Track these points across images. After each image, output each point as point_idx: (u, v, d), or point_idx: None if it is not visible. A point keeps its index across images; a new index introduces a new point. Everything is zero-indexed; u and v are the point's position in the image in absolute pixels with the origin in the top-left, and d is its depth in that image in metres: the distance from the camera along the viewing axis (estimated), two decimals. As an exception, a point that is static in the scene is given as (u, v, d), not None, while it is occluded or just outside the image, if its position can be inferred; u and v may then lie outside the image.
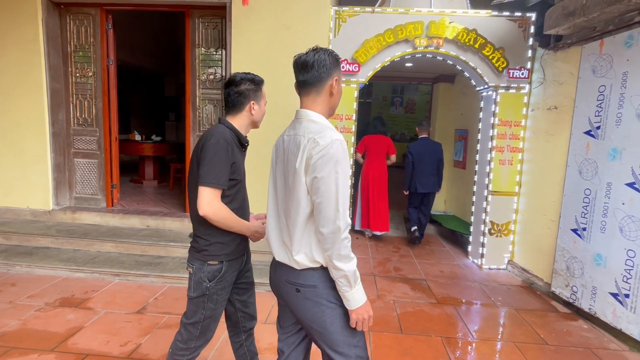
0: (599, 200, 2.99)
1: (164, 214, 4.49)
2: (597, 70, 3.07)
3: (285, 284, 1.38)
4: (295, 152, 1.30)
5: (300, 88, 1.39)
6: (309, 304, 1.34)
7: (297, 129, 1.35)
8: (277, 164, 1.44)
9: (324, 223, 1.25)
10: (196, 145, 1.63)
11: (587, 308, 3.05)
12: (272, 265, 1.47)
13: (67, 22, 4.36)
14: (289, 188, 1.34)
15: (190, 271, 1.66)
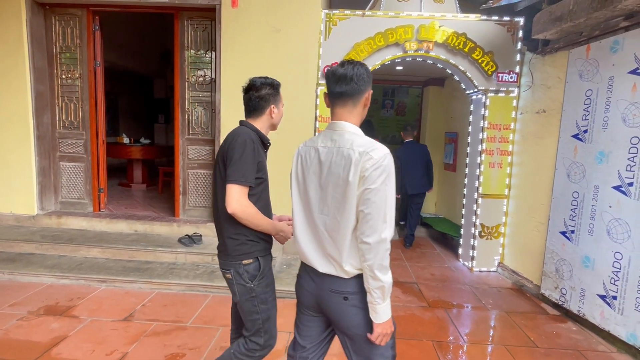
0: (587, 203, 3.02)
1: (153, 218, 4.42)
2: (584, 74, 3.11)
3: (330, 293, 1.39)
4: (343, 165, 1.32)
5: (335, 99, 1.40)
6: (355, 311, 1.37)
7: (339, 141, 1.36)
8: (308, 174, 1.43)
9: (370, 233, 1.27)
10: (221, 147, 1.66)
11: (576, 310, 3.07)
12: (307, 278, 1.47)
13: (53, 23, 4.27)
14: (336, 200, 1.34)
15: (229, 277, 1.66)
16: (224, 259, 1.67)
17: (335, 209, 1.35)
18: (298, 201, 1.48)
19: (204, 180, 4.40)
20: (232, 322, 1.92)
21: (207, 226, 4.17)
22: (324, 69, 3.90)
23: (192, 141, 4.37)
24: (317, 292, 1.43)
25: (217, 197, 1.66)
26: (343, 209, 1.33)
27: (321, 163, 1.39)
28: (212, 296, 3.31)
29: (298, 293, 1.52)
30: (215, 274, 3.55)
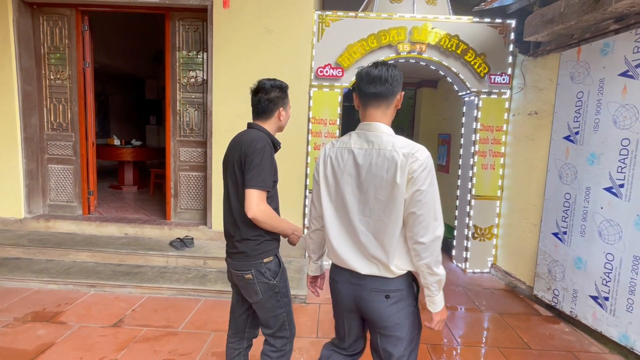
0: (579, 204, 3.04)
1: (144, 221, 4.35)
2: (575, 76, 3.13)
3: (372, 292, 1.41)
4: (387, 167, 1.32)
5: (368, 100, 1.40)
6: (395, 309, 1.40)
7: (377, 142, 1.36)
8: (342, 176, 1.42)
9: (424, 233, 1.31)
10: (233, 151, 1.65)
11: (569, 311, 3.08)
12: (345, 282, 1.47)
13: (41, 22, 4.20)
14: (380, 202, 1.35)
15: (249, 277, 1.65)
16: (241, 260, 1.67)
17: (381, 211, 1.35)
18: (329, 204, 1.47)
19: (195, 183, 4.35)
20: (231, 326, 1.88)
21: (199, 229, 4.12)
22: (317, 70, 3.88)
23: (183, 143, 4.32)
24: (357, 293, 1.44)
25: (231, 201, 1.67)
26: (390, 210, 1.33)
27: (358, 165, 1.38)
28: (204, 300, 3.26)
29: (336, 298, 1.54)
30: (207, 277, 3.51)
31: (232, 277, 1.76)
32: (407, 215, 1.32)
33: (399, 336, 1.42)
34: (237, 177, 1.63)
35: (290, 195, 4.01)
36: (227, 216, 1.72)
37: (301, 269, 3.81)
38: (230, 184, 1.67)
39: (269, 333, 1.75)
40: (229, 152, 1.69)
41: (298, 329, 2.81)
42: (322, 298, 3.37)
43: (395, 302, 1.40)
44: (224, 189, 1.73)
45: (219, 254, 3.75)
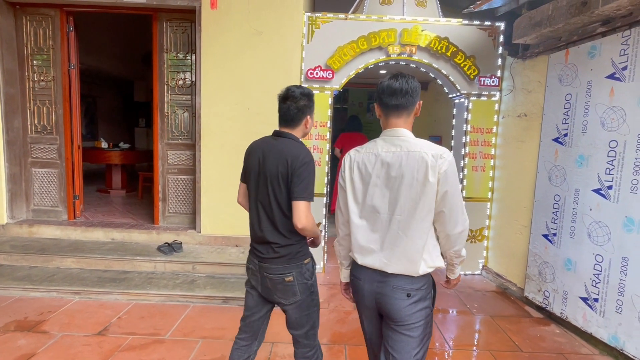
0: (568, 206, 3.05)
1: (131, 225, 4.27)
2: (563, 79, 3.15)
3: (394, 289, 1.46)
4: (417, 167, 1.41)
5: (390, 110, 1.51)
6: (414, 307, 1.46)
7: (405, 146, 1.46)
8: (371, 179, 1.49)
9: (454, 226, 1.44)
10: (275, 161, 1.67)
11: (559, 312, 3.09)
12: (369, 280, 1.52)
13: (24, 23, 4.10)
14: (412, 199, 1.42)
15: (290, 279, 1.70)
16: (282, 264, 1.71)
17: (413, 208, 1.43)
18: (355, 207, 1.55)
19: (184, 186, 4.28)
20: (244, 330, 1.86)
21: (188, 233, 4.05)
22: (307, 72, 3.85)
23: (171, 146, 4.25)
24: (380, 289, 1.49)
25: (273, 209, 1.69)
26: (422, 207, 1.42)
27: (387, 167, 1.46)
28: (193, 306, 3.19)
29: (357, 296, 1.59)
30: (195, 283, 3.44)
31: (264, 281, 1.75)
32: (438, 212, 1.43)
33: (411, 335, 1.47)
34: (281, 188, 1.66)
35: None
36: (263, 223, 1.73)
37: (292, 273, 3.76)
38: (271, 193, 1.69)
39: (302, 333, 1.79)
40: (269, 161, 1.69)
41: (287, 335, 2.76)
42: (313, 303, 3.33)
43: (414, 301, 1.46)
44: (258, 196, 1.74)
45: (207, 258, 3.69)
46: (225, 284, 3.46)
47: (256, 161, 1.74)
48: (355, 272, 1.59)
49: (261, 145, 1.77)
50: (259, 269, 1.75)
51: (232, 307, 3.21)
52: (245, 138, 3.90)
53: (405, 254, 1.44)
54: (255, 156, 1.75)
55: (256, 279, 1.79)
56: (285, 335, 2.02)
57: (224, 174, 3.96)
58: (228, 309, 3.19)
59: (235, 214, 4.00)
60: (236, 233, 4.03)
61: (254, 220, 1.77)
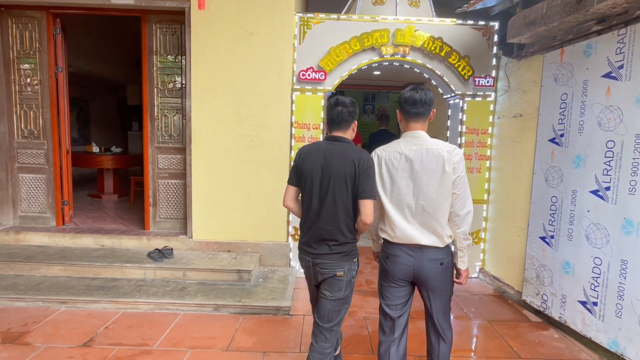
0: (565, 207, 2.99)
1: (121, 231, 4.17)
2: (558, 78, 3.10)
3: (430, 261, 1.83)
4: (436, 161, 1.78)
5: (412, 117, 1.88)
6: (445, 272, 1.88)
7: (424, 144, 1.83)
8: (397, 172, 1.85)
9: (462, 207, 1.82)
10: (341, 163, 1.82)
11: (558, 317, 3.02)
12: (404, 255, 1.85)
13: (9, 25, 4.01)
14: (433, 187, 1.79)
15: (341, 274, 1.87)
16: (336, 260, 1.87)
17: (434, 194, 1.79)
18: (385, 196, 1.88)
19: (175, 191, 4.19)
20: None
21: (179, 239, 3.96)
22: (299, 73, 3.78)
23: (162, 149, 4.16)
24: (417, 262, 1.84)
25: (337, 208, 1.84)
26: (442, 192, 1.79)
27: (410, 162, 1.82)
28: (183, 315, 3.11)
29: (393, 269, 1.89)
30: (186, 290, 3.35)
31: (316, 276, 1.92)
32: (452, 194, 1.80)
33: (446, 294, 1.92)
34: (347, 188, 1.82)
35: (275, 203, 3.89)
36: (324, 222, 1.86)
37: (285, 279, 3.68)
38: (337, 195, 1.83)
39: (329, 326, 1.92)
40: (333, 163, 1.83)
41: (279, 344, 2.70)
42: (306, 309, 3.25)
43: (445, 268, 1.87)
44: (321, 196, 1.86)
45: (199, 265, 3.60)
46: (217, 290, 3.37)
47: (317, 164, 1.86)
48: (391, 250, 1.90)
49: (320, 148, 1.90)
50: (312, 265, 1.91)
51: (223, 315, 3.13)
52: (236, 141, 3.86)
53: (432, 230, 1.82)
54: (315, 159, 1.87)
55: (309, 274, 1.98)
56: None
57: (215, 178, 3.88)
58: (219, 316, 3.10)
59: (227, 219, 3.92)
60: (228, 238, 3.95)
61: (312, 219, 1.89)
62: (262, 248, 3.95)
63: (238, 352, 2.60)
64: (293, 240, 3.97)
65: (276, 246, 3.95)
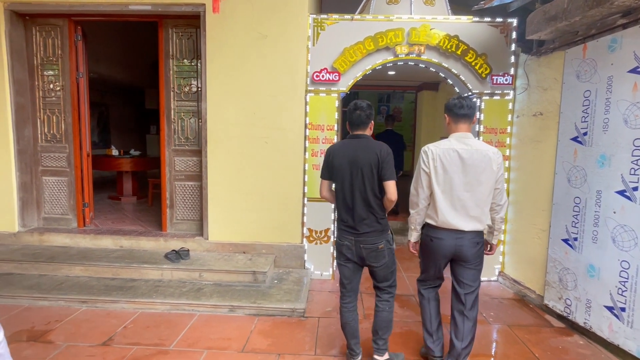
0: (590, 208, 2.88)
1: (139, 233, 4.25)
2: (581, 75, 2.99)
3: (471, 242, 2.24)
4: (486, 160, 2.18)
5: (460, 119, 2.26)
6: (480, 251, 2.30)
7: (473, 145, 2.22)
8: (451, 167, 2.20)
9: (502, 199, 2.29)
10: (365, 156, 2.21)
11: (582, 322, 2.91)
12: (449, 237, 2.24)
13: (33, 34, 4.15)
14: (479, 181, 2.19)
15: (382, 247, 2.26)
16: (375, 236, 2.25)
17: (480, 187, 2.19)
18: (437, 187, 2.23)
19: (191, 193, 4.24)
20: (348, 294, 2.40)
21: (195, 240, 4.01)
22: (313, 75, 3.78)
23: (178, 152, 4.23)
24: (458, 243, 2.23)
25: (367, 193, 2.22)
26: (486, 186, 2.20)
27: (462, 159, 2.19)
28: (199, 315, 3.13)
29: (439, 248, 2.27)
30: (202, 291, 3.38)
31: (359, 252, 2.27)
32: (495, 189, 2.25)
33: (479, 268, 2.33)
34: (373, 175, 2.20)
35: (289, 205, 3.89)
36: (359, 205, 2.23)
37: (300, 281, 3.67)
38: (366, 181, 2.21)
39: (387, 285, 2.37)
40: (361, 156, 2.21)
41: (294, 346, 2.69)
42: (321, 312, 3.23)
43: (479, 247, 2.28)
44: (354, 184, 2.23)
45: (214, 266, 3.63)
46: (232, 292, 3.39)
47: (346, 158, 2.25)
48: (434, 233, 2.27)
49: (346, 146, 2.29)
50: (354, 244, 2.26)
51: (238, 316, 3.14)
52: (251, 143, 3.88)
53: (476, 218, 2.22)
54: (343, 155, 2.26)
55: (351, 252, 2.29)
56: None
57: (230, 180, 3.91)
58: (234, 318, 3.12)
59: (242, 221, 3.95)
60: (243, 240, 3.97)
61: (349, 204, 2.26)
62: (276, 249, 3.96)
63: (253, 353, 2.61)
64: (307, 241, 3.96)
65: (291, 248, 3.95)
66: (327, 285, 3.81)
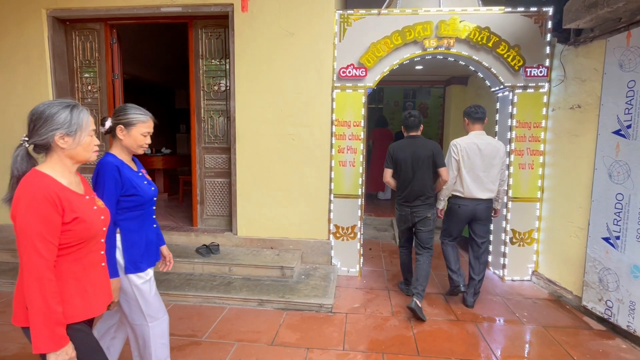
0: (634, 205, 2.72)
1: (171, 228, 4.40)
2: (624, 64, 2.83)
3: (485, 206, 3.20)
4: (496, 150, 3.14)
5: (475, 120, 3.24)
6: (490, 213, 3.28)
7: (488, 140, 3.18)
8: (474, 156, 3.14)
9: (505, 176, 3.30)
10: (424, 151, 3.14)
11: (625, 325, 2.76)
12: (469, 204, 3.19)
13: (73, 38, 4.37)
14: (492, 165, 3.15)
15: (429, 216, 3.19)
16: (427, 208, 3.18)
17: (492, 169, 3.15)
18: (464, 168, 3.14)
19: (221, 189, 4.35)
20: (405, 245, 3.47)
21: (225, 235, 4.11)
22: (339, 71, 3.77)
23: (208, 150, 4.34)
24: (478, 207, 3.18)
25: (424, 177, 3.15)
26: (497, 168, 3.16)
27: (480, 150, 3.13)
28: (229, 308, 3.21)
29: (464, 212, 3.21)
30: (232, 285, 3.46)
31: (413, 219, 3.22)
32: (502, 171, 3.21)
33: (489, 225, 3.41)
34: (429, 164, 3.14)
35: (316, 201, 3.91)
36: (419, 186, 3.14)
37: (327, 277, 3.69)
38: (425, 169, 3.13)
39: (428, 246, 3.23)
40: (420, 151, 3.14)
41: (323, 341, 2.70)
42: (348, 308, 3.23)
43: (490, 210, 3.26)
44: (416, 171, 3.14)
45: (244, 260, 3.71)
46: (261, 286, 3.45)
47: (408, 153, 3.16)
48: (461, 202, 3.20)
49: (408, 144, 3.21)
50: (410, 214, 3.21)
51: (267, 310, 3.20)
52: (278, 140, 3.92)
53: (490, 189, 3.19)
54: (405, 150, 3.19)
55: (407, 220, 3.26)
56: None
57: (258, 177, 3.97)
58: (263, 311, 3.17)
59: (270, 217, 4.00)
60: (271, 235, 4.03)
61: (407, 185, 3.17)
62: (303, 245, 3.99)
63: (282, 347, 2.65)
64: (334, 238, 3.97)
65: (317, 244, 3.97)
66: (354, 282, 3.81)
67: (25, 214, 1.18)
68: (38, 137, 1.26)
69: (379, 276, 3.98)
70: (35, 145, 1.28)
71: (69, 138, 1.28)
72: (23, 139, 1.27)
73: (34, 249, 1.17)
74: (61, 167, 1.31)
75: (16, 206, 1.19)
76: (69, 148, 1.29)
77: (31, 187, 1.21)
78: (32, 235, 1.17)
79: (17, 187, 1.22)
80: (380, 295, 3.51)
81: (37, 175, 1.24)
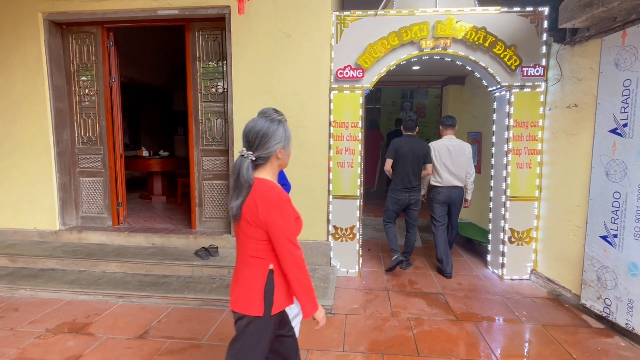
0: (631, 204, 2.73)
1: (170, 230, 4.40)
2: (620, 63, 2.84)
3: (458, 193, 4.02)
4: (461, 152, 3.96)
5: (447, 127, 4.07)
6: (462, 197, 4.09)
7: (455, 143, 4.00)
8: (445, 155, 3.96)
9: (470, 169, 4.03)
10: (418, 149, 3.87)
11: (624, 323, 2.77)
12: (446, 191, 3.99)
13: (70, 41, 4.37)
14: (460, 162, 3.95)
15: (420, 199, 4.02)
16: (418, 191, 3.97)
17: (460, 165, 3.95)
18: (437, 164, 3.96)
19: (219, 191, 4.34)
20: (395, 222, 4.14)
21: (224, 237, 4.10)
22: (336, 72, 3.78)
23: (206, 152, 4.33)
24: (453, 193, 3.99)
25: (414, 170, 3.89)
26: (463, 163, 3.96)
27: (450, 150, 3.94)
28: (228, 311, 3.21)
29: (443, 197, 3.99)
30: (231, 287, 3.46)
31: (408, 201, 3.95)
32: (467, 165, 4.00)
33: (460, 208, 4.15)
34: (421, 160, 3.88)
35: (315, 202, 3.91)
36: (412, 176, 3.88)
37: (327, 278, 3.69)
38: (416, 163, 3.88)
39: (414, 221, 4.05)
40: (415, 148, 3.87)
41: (322, 342, 2.70)
42: (348, 308, 3.23)
43: (461, 196, 4.07)
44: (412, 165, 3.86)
45: (242, 263, 3.70)
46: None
47: (408, 148, 3.86)
48: (440, 189, 3.98)
49: (407, 141, 3.91)
50: (407, 197, 3.92)
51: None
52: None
53: (460, 179, 3.97)
54: (405, 146, 3.88)
55: (402, 203, 3.95)
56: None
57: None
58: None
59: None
60: (270, 237, 4.02)
61: (404, 175, 3.89)
62: (302, 246, 3.97)
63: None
64: (333, 239, 3.97)
65: (316, 245, 3.97)
66: (354, 283, 3.81)
67: (282, 215, 1.41)
68: (264, 151, 1.45)
69: (378, 277, 3.98)
70: (257, 157, 1.46)
71: (284, 150, 1.50)
72: (247, 153, 1.44)
73: (294, 243, 1.45)
74: (272, 175, 1.53)
75: (272, 209, 1.40)
76: (283, 158, 1.51)
77: (280, 192, 1.44)
78: (290, 231, 1.43)
79: (259, 193, 1.41)
80: (379, 295, 3.51)
81: (272, 183, 1.48)
